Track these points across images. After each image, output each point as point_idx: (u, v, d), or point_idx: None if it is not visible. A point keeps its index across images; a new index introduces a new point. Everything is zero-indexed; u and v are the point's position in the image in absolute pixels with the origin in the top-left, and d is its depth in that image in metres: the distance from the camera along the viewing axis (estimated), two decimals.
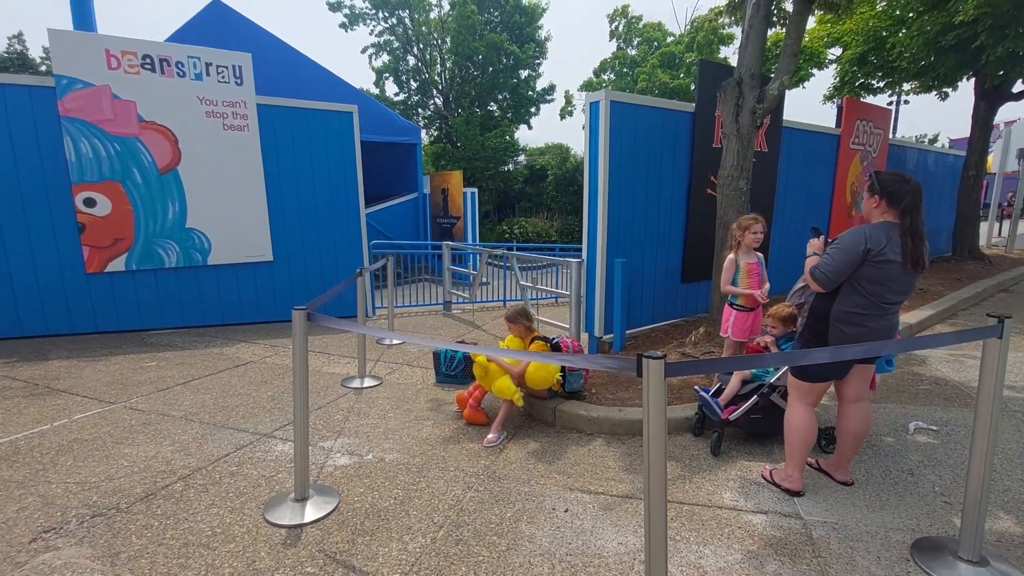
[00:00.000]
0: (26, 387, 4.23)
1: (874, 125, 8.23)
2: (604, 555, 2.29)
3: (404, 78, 25.00)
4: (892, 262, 2.37)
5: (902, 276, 2.42)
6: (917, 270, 2.42)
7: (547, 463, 3.12)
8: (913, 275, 2.45)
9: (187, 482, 2.86)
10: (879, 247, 2.35)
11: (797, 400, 2.70)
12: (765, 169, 6.22)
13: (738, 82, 4.61)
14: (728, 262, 3.85)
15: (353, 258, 6.76)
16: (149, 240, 5.72)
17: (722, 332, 4.02)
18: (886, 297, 2.44)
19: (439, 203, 13.09)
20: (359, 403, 4.04)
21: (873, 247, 2.36)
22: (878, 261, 2.36)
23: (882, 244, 2.36)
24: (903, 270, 2.40)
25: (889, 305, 2.48)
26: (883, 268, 2.38)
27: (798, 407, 2.69)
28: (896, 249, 2.37)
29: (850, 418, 2.71)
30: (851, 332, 2.49)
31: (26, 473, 2.91)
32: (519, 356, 2.77)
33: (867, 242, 2.37)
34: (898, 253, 2.37)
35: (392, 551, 2.31)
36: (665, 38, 24.76)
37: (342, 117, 6.49)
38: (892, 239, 2.37)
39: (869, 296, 2.43)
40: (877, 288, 2.42)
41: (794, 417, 2.69)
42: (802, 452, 2.70)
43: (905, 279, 2.44)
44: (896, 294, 2.47)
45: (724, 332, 3.98)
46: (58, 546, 2.31)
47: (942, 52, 7.42)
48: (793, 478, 2.74)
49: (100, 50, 5.28)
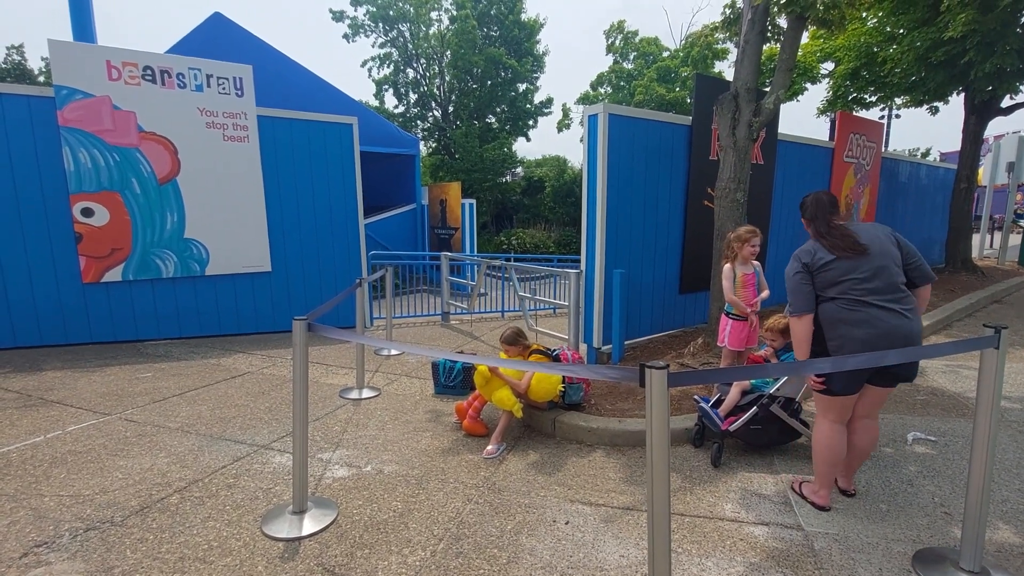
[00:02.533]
0: (19, 398, 4.19)
1: (867, 138, 8.34)
2: (606, 568, 2.27)
3: (404, 90, 25.21)
4: (829, 261, 2.54)
5: (848, 265, 2.51)
6: (858, 253, 2.51)
7: (547, 474, 3.10)
8: (860, 259, 2.51)
9: (183, 495, 2.82)
10: (812, 257, 2.59)
11: (822, 415, 2.70)
12: (761, 181, 6.28)
13: (734, 96, 4.67)
14: (726, 271, 3.88)
15: (352, 269, 6.76)
16: (147, 250, 5.70)
17: (719, 342, 4.04)
18: (854, 288, 2.49)
19: (437, 214, 13.13)
20: (357, 414, 4.02)
21: (808, 260, 2.60)
22: (819, 268, 2.56)
23: (813, 253, 2.60)
24: (844, 260, 2.52)
25: (868, 296, 2.47)
26: (826, 270, 2.55)
27: (823, 423, 2.69)
28: (823, 251, 2.57)
29: (858, 434, 2.71)
30: (844, 332, 2.51)
31: (18, 486, 2.87)
32: (523, 367, 2.76)
33: (801, 259, 2.62)
34: (827, 252, 2.55)
35: (392, 564, 2.29)
36: (661, 53, 25.10)
37: (342, 129, 6.53)
38: (819, 245, 2.61)
39: (840, 295, 2.53)
40: (838, 287, 2.53)
41: (819, 433, 2.69)
42: (828, 468, 2.69)
43: (854, 265, 2.51)
44: (862, 283, 2.48)
45: (721, 342, 4.01)
46: (50, 561, 2.27)
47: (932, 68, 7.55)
48: (820, 494, 2.73)
49: (101, 61, 5.31)
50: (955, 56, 7.00)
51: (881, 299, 2.47)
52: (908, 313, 2.48)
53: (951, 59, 7.13)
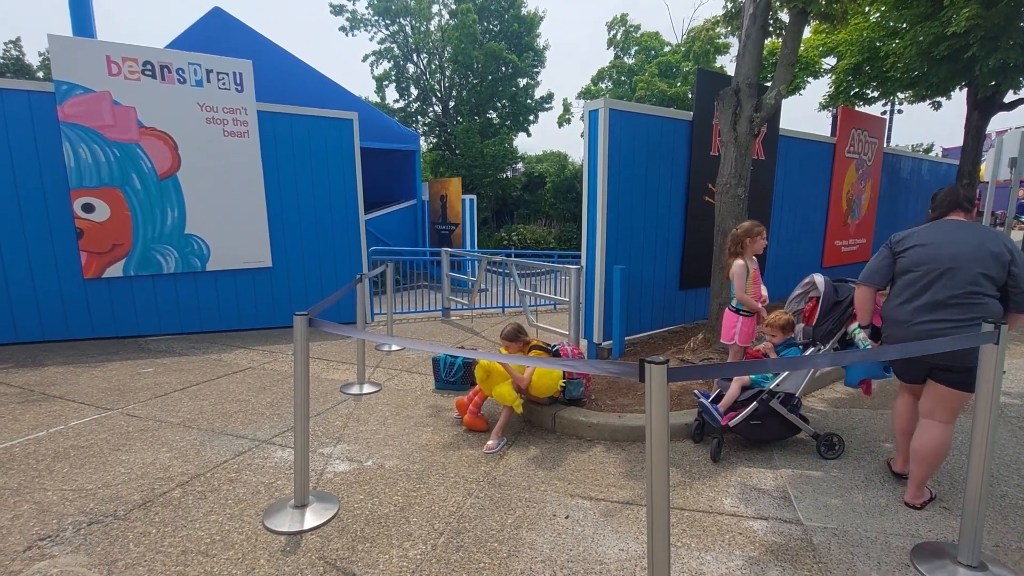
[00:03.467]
0: (22, 393, 4.20)
1: (869, 134, 8.32)
2: (606, 562, 2.28)
3: (404, 85, 25.14)
4: (908, 248, 2.62)
5: (919, 258, 2.58)
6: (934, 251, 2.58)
7: (547, 469, 3.11)
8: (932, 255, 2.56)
9: (185, 489, 2.84)
10: (900, 238, 2.70)
11: (899, 395, 2.92)
12: (762, 177, 6.27)
13: (736, 91, 4.66)
14: (740, 267, 3.79)
15: (352, 264, 6.76)
16: (148, 246, 5.71)
17: (726, 339, 3.97)
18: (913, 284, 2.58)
19: (438, 210, 13.12)
20: (358, 409, 4.03)
21: (895, 239, 2.71)
22: (899, 251, 2.66)
23: (904, 236, 2.69)
24: (918, 251, 2.59)
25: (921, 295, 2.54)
26: (903, 256, 2.64)
27: (897, 401, 2.93)
28: (912, 237, 2.66)
29: (916, 433, 2.70)
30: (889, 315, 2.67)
31: (21, 480, 2.89)
32: (524, 362, 2.77)
33: (892, 237, 2.74)
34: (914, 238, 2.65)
35: (393, 558, 2.30)
36: (662, 47, 24.99)
37: (342, 124, 6.51)
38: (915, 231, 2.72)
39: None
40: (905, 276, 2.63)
41: (895, 409, 2.93)
42: (897, 433, 2.91)
43: (923, 260, 2.57)
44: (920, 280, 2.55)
45: (730, 339, 3.91)
46: (54, 554, 2.29)
47: (935, 62, 7.50)
48: (896, 459, 2.97)
49: (101, 56, 5.30)
50: (958, 51, 6.96)
51: (938, 306, 2.47)
52: (955, 325, 2.42)
53: (954, 54, 7.09)
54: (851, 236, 8.44)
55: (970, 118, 8.47)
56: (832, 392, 4.37)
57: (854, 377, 3.18)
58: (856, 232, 8.54)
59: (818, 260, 7.86)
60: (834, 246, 8.07)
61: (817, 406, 4.07)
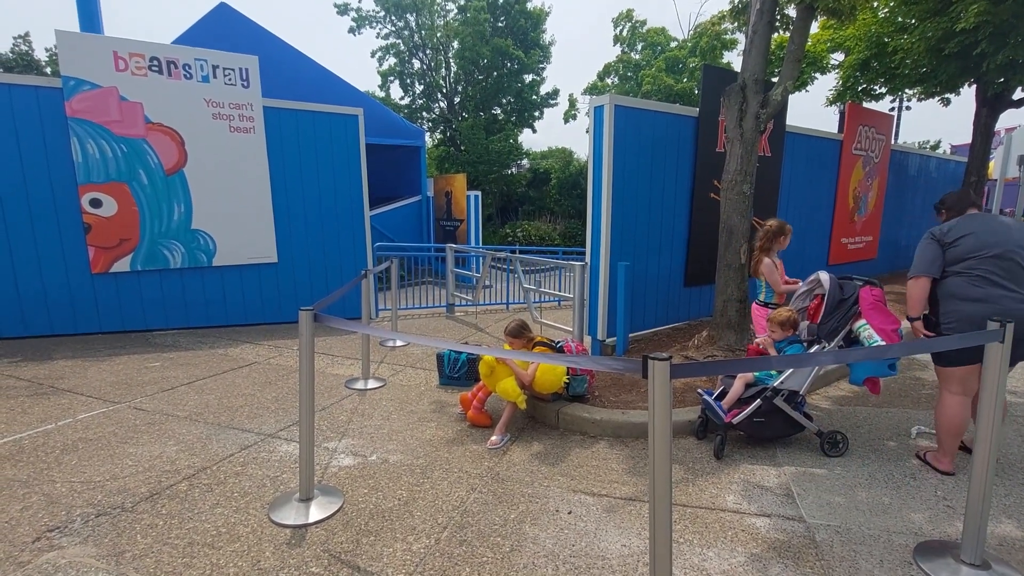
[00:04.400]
0: (31, 386, 4.25)
1: (876, 131, 8.26)
2: (608, 557, 2.29)
3: (409, 81, 25.10)
4: (961, 237, 2.80)
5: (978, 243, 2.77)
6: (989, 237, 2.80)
7: (550, 465, 3.13)
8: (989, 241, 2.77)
9: (192, 482, 2.87)
10: (945, 231, 2.87)
11: (944, 388, 2.95)
12: (768, 173, 6.24)
13: (742, 87, 4.63)
14: (768, 265, 3.88)
15: (357, 260, 6.78)
16: (155, 241, 5.75)
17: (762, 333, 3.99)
18: (979, 267, 2.75)
19: (443, 206, 13.13)
20: (363, 404, 4.06)
21: (940, 233, 2.88)
22: (950, 242, 2.83)
23: (947, 229, 2.87)
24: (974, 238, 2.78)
25: (992, 275, 2.72)
26: (956, 245, 2.81)
27: (945, 395, 2.94)
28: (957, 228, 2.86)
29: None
30: (957, 307, 2.79)
31: (30, 472, 2.93)
32: (528, 358, 2.78)
33: (934, 232, 2.91)
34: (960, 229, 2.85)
35: (397, 551, 2.32)
36: (668, 43, 24.83)
37: (347, 120, 6.52)
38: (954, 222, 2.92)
39: (965, 271, 2.78)
40: (965, 263, 2.78)
41: (942, 406, 2.94)
42: (950, 439, 2.95)
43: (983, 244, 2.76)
44: (988, 261, 2.73)
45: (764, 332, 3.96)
46: (63, 545, 2.32)
47: (944, 59, 7.43)
48: (943, 461, 3.02)
49: (108, 52, 5.32)
50: (967, 47, 6.89)
51: (1004, 280, 2.67)
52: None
53: (963, 50, 7.02)
54: (857, 233, 8.40)
55: (979, 115, 8.40)
56: (837, 390, 4.36)
57: (859, 375, 3.17)
58: (862, 229, 8.49)
59: (824, 257, 7.83)
60: (840, 243, 8.03)
61: (821, 404, 4.06)
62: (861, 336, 3.03)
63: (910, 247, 10.36)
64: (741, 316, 4.80)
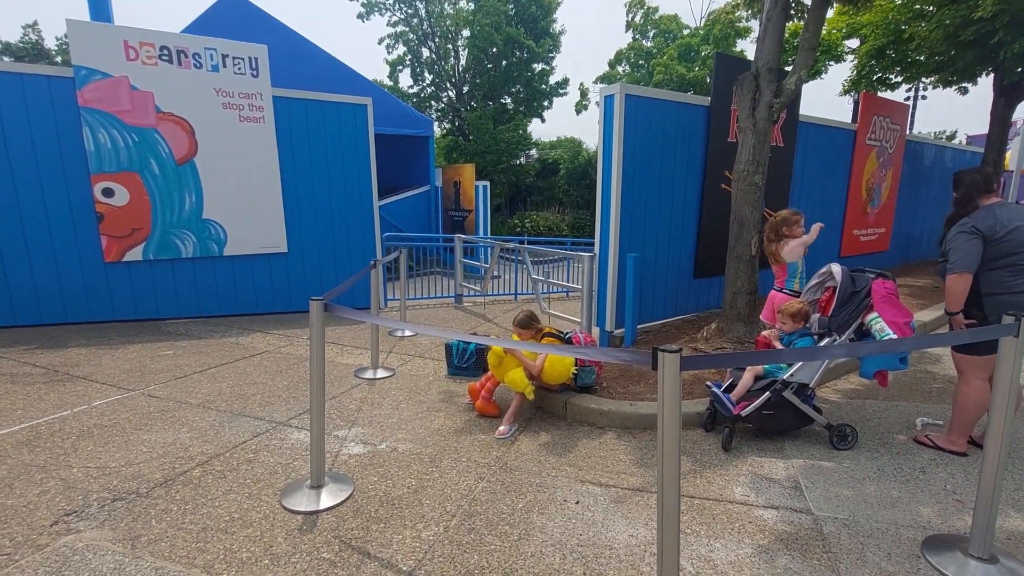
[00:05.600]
0: (46, 373, 4.33)
1: (891, 120, 8.12)
2: (615, 547, 2.31)
3: (418, 70, 24.95)
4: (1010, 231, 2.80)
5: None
6: None
7: (558, 455, 3.14)
8: None
9: (205, 468, 2.92)
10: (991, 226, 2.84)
11: (972, 375, 2.99)
12: (780, 164, 6.16)
13: (755, 76, 4.57)
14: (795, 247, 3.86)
15: (366, 250, 6.80)
16: (166, 230, 5.80)
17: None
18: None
19: (451, 196, 13.12)
20: (372, 393, 4.09)
21: (985, 228, 2.84)
22: (998, 237, 2.82)
23: (992, 223, 2.84)
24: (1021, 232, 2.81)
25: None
26: (1004, 240, 2.80)
27: (974, 381, 2.98)
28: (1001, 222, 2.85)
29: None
30: (1005, 301, 2.79)
31: (47, 457, 2.99)
32: (536, 348, 2.79)
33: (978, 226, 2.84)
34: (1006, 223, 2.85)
35: (406, 538, 2.35)
36: (681, 30, 24.48)
37: (356, 109, 6.51)
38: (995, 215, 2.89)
39: (1010, 265, 2.81)
40: (1012, 258, 2.81)
41: (971, 391, 2.99)
42: (972, 421, 3.05)
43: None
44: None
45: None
46: (80, 528, 2.37)
47: (961, 47, 7.28)
48: (959, 443, 3.08)
49: (119, 41, 5.34)
50: (985, 35, 6.74)
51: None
52: None
53: (980, 38, 6.87)
54: (870, 225, 8.29)
55: (996, 105, 8.24)
56: (846, 383, 4.34)
57: (870, 368, 3.15)
58: (875, 221, 8.39)
59: (836, 249, 7.75)
60: (852, 235, 7.94)
61: (831, 397, 4.05)
62: (873, 329, 3.01)
63: (923, 239, 10.24)
64: (751, 308, 4.77)
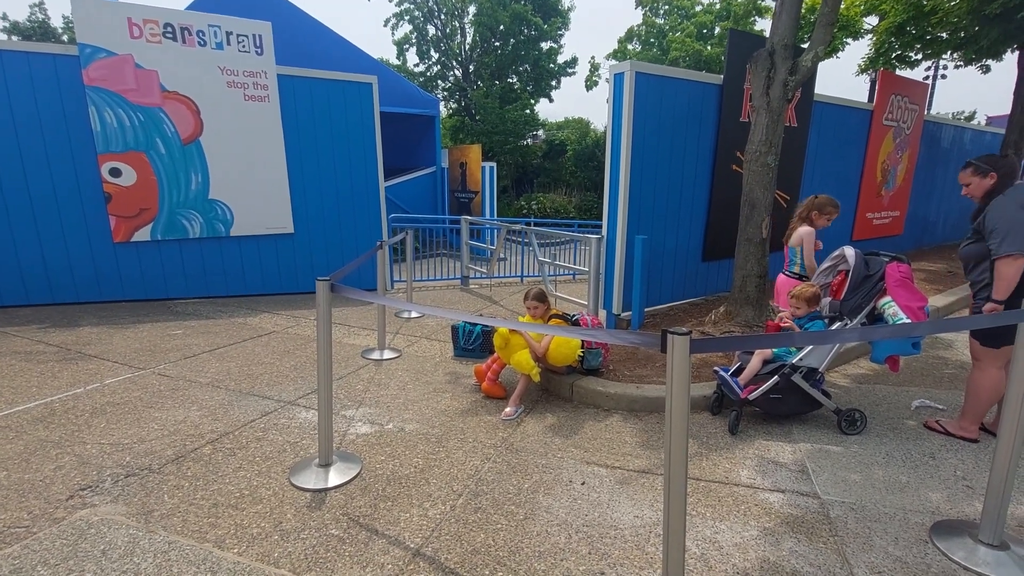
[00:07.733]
0: (59, 352, 4.38)
1: (910, 100, 7.91)
2: (620, 527, 2.32)
3: (424, 48, 24.61)
4: None
5: None
6: None
7: (564, 437, 3.15)
8: None
9: (215, 446, 2.95)
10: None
11: (990, 364, 2.95)
12: (794, 145, 6.03)
13: (770, 53, 4.44)
14: (810, 233, 3.80)
15: (372, 231, 6.78)
16: (173, 210, 5.80)
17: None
18: None
19: (457, 177, 13.02)
20: (379, 374, 4.11)
21: None
22: None
23: None
24: None
25: None
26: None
27: (992, 370, 2.95)
28: None
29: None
30: None
31: (62, 434, 3.04)
32: (544, 330, 2.77)
33: None
34: None
35: (413, 516, 2.38)
36: (694, 6, 23.90)
37: (361, 88, 6.43)
38: None
39: None
40: None
41: (988, 379, 2.96)
42: (985, 408, 3.03)
43: None
44: None
45: None
46: (95, 503, 2.42)
47: (986, 21, 7.04)
48: (971, 429, 3.07)
49: (122, 18, 5.28)
50: (1011, 10, 6.52)
51: None
52: None
53: (1006, 12, 6.64)
54: (884, 208, 8.14)
55: (1019, 84, 7.99)
56: (856, 368, 4.30)
57: (881, 353, 3.11)
58: (890, 204, 8.23)
59: (848, 232, 7.63)
60: (865, 218, 7.81)
61: (840, 381, 4.02)
62: (886, 313, 2.96)
63: (939, 223, 10.05)
64: (760, 292, 4.72)
